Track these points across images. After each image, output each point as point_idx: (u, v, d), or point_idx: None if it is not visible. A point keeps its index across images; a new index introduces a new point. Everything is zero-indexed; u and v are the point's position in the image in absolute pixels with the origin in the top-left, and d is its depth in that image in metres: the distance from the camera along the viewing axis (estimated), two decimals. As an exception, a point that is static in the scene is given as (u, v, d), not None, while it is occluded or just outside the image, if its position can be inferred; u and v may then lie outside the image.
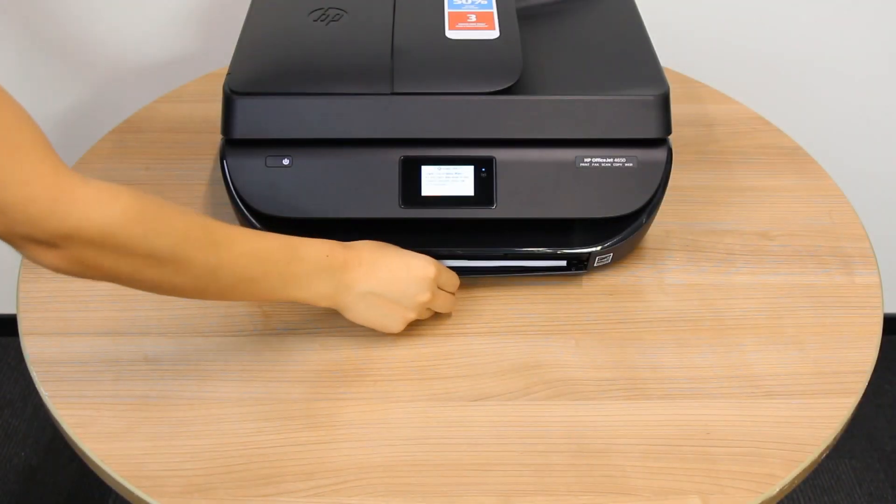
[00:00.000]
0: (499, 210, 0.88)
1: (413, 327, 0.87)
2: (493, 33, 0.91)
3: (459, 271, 0.91)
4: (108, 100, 1.44)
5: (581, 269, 0.93)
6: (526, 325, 0.91)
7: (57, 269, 0.66)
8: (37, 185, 0.61)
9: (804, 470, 0.79)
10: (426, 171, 0.88)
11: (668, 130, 0.88)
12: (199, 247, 0.71)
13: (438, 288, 0.87)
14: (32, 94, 1.44)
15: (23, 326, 0.89)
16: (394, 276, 0.83)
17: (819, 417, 0.82)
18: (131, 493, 0.76)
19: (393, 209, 0.88)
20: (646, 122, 0.87)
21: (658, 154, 0.89)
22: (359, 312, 0.83)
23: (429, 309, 0.87)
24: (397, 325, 0.85)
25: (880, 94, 1.50)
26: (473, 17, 0.94)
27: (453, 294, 0.90)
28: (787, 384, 0.85)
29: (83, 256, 0.65)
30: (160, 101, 1.20)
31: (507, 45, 0.90)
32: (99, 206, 0.64)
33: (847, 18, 1.41)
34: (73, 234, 0.63)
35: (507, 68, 0.87)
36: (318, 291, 0.79)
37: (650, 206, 0.90)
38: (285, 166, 0.87)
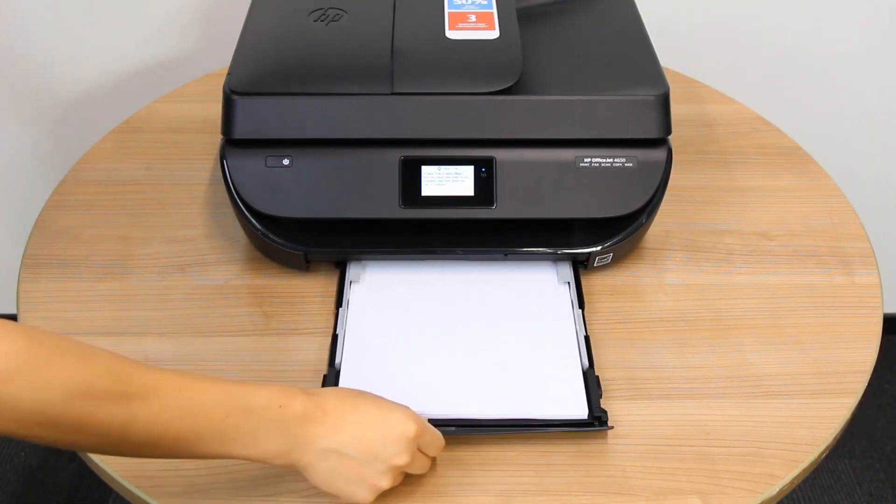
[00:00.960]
0: (499, 210, 0.88)
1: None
2: (493, 33, 0.91)
3: (457, 427, 0.79)
4: (108, 100, 1.44)
5: (604, 426, 0.79)
6: (526, 325, 0.90)
7: None
8: None
9: (804, 470, 0.79)
10: (426, 171, 0.88)
11: (668, 130, 0.88)
12: (105, 401, 0.58)
13: (418, 449, 0.73)
14: (33, 93, 1.44)
15: (23, 326, 0.89)
16: (366, 433, 0.69)
17: (819, 417, 0.82)
18: (131, 493, 0.76)
19: (393, 209, 0.88)
20: (646, 122, 0.87)
21: (658, 154, 0.89)
22: (319, 475, 0.68)
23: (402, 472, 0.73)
24: (366, 495, 0.70)
25: (881, 94, 1.50)
26: (473, 17, 0.94)
27: (433, 458, 0.76)
28: (787, 384, 0.85)
29: None
30: (160, 101, 1.20)
31: (507, 45, 0.90)
32: None
33: (848, 18, 1.41)
34: None
35: (507, 68, 0.87)
36: (267, 449, 0.66)
37: (650, 206, 0.90)
38: (285, 166, 0.87)
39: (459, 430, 0.79)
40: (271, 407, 0.65)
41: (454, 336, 0.86)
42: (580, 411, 0.80)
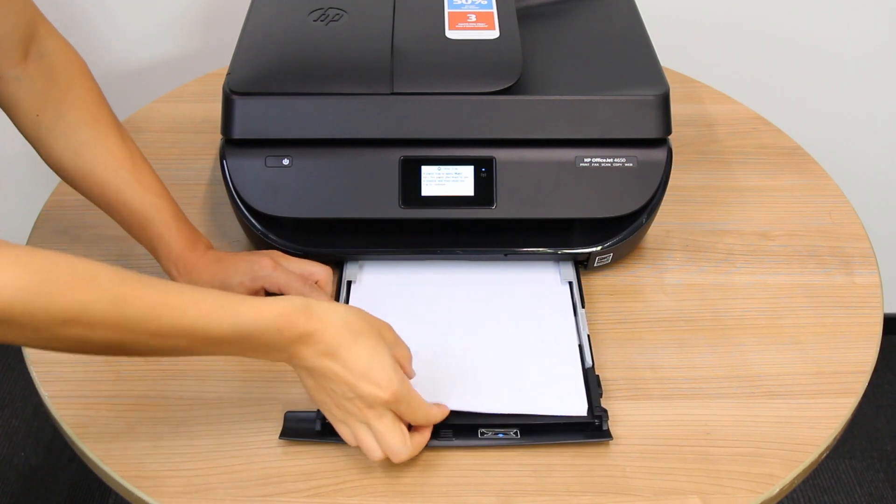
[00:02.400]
0: (499, 210, 0.88)
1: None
2: (493, 33, 0.91)
3: (456, 437, 0.78)
4: (109, 99, 1.44)
5: (605, 437, 0.78)
6: (526, 325, 0.90)
7: None
8: None
9: (804, 470, 0.78)
10: (426, 171, 0.88)
11: (668, 130, 0.88)
12: (102, 326, 0.61)
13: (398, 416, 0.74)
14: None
15: (23, 326, 0.89)
16: (346, 374, 0.70)
17: (819, 417, 0.82)
18: (131, 493, 0.76)
19: (393, 209, 0.88)
20: (646, 122, 0.87)
21: (658, 154, 0.89)
22: (304, 384, 0.73)
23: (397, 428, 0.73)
24: (334, 421, 0.74)
25: (881, 94, 1.50)
26: (473, 17, 0.94)
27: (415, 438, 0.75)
28: (787, 384, 0.85)
29: None
30: (160, 101, 1.20)
31: (507, 45, 0.90)
32: None
33: (847, 18, 1.41)
34: None
35: (507, 68, 0.87)
36: (262, 357, 0.71)
37: (650, 206, 0.90)
38: (285, 166, 0.87)
39: (458, 441, 0.78)
40: (269, 331, 0.68)
41: (454, 335, 0.86)
42: (580, 408, 0.79)
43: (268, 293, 0.86)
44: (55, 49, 0.85)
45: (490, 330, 0.87)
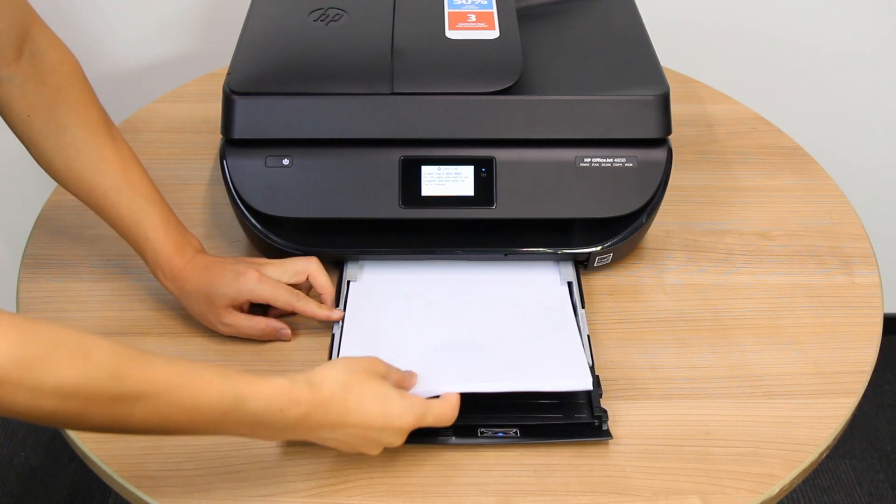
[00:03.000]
0: (499, 210, 0.88)
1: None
2: (493, 33, 0.91)
3: (457, 437, 0.79)
4: (109, 100, 1.44)
5: (604, 436, 0.78)
6: (526, 325, 0.90)
7: None
8: None
9: (804, 470, 0.79)
10: (426, 171, 0.88)
11: (668, 130, 0.88)
12: (100, 400, 0.59)
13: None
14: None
15: (23, 326, 0.89)
16: (366, 430, 0.71)
17: (819, 417, 0.82)
18: (131, 493, 0.76)
19: (393, 209, 0.88)
20: (646, 122, 0.87)
21: (658, 154, 0.89)
22: (329, 446, 0.73)
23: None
24: (357, 452, 0.74)
25: (881, 95, 1.50)
26: (473, 17, 0.94)
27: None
28: (787, 384, 0.85)
29: None
30: (160, 101, 1.20)
31: (507, 45, 0.90)
32: None
33: (847, 19, 1.41)
34: None
35: (507, 68, 0.87)
36: (265, 437, 0.70)
37: (650, 206, 0.90)
38: (285, 166, 0.87)
39: (458, 441, 0.78)
40: (271, 410, 0.66)
41: (454, 335, 0.86)
42: (584, 383, 0.79)
43: (253, 305, 0.86)
44: (47, 48, 0.84)
45: (490, 329, 0.87)
